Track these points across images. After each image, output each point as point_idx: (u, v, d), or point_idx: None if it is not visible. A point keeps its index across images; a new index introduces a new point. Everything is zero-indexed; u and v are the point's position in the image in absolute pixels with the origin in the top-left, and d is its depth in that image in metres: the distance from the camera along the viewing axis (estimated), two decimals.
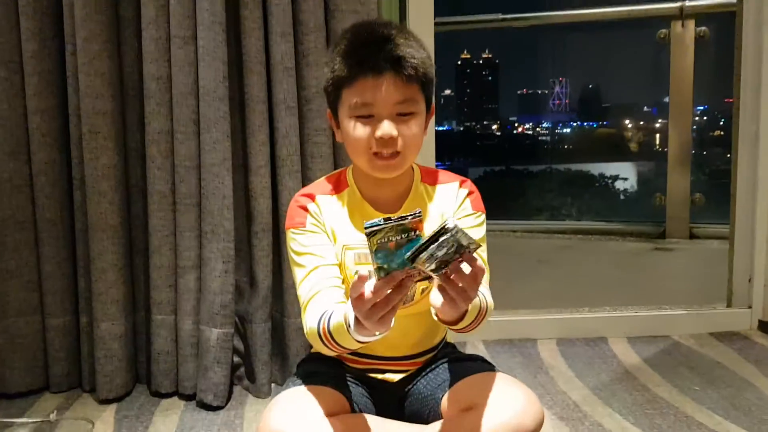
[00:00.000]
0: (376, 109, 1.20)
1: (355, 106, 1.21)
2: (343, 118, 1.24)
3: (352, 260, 1.28)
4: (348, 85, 1.21)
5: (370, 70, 1.18)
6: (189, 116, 1.79)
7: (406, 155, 1.23)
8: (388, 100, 1.19)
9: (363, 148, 1.22)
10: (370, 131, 1.21)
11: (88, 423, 1.73)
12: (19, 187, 1.86)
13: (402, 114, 1.21)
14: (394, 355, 1.34)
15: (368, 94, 1.19)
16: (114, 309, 1.85)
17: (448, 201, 1.33)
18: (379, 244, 0.96)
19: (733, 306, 2.40)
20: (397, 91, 1.19)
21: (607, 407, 1.76)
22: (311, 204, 1.31)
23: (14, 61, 1.82)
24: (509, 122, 16.22)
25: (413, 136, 1.23)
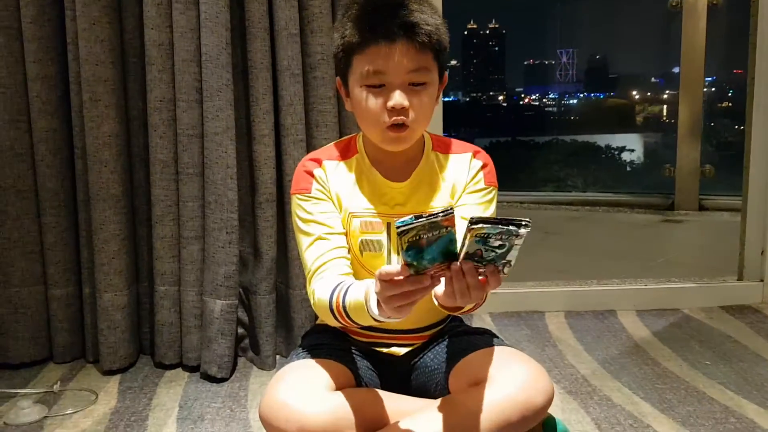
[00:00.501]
0: (388, 78, 1.16)
1: (367, 74, 1.16)
2: (354, 86, 1.20)
3: (357, 228, 1.26)
4: (359, 51, 1.16)
5: (382, 37, 1.14)
6: (191, 84, 1.76)
7: (415, 128, 1.20)
8: (401, 68, 1.15)
9: (374, 119, 1.19)
10: (381, 102, 1.17)
11: (92, 394, 1.73)
12: (20, 156, 1.83)
13: (414, 84, 1.17)
14: (401, 328, 1.32)
15: (380, 62, 1.15)
16: (117, 280, 1.83)
17: (460, 172, 1.29)
18: (409, 242, 0.94)
19: (745, 279, 2.37)
20: (410, 59, 1.15)
21: (617, 381, 1.74)
22: (318, 169, 1.27)
23: (13, 27, 1.78)
24: (515, 93, 16.11)
25: (424, 107, 1.19)
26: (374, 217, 1.26)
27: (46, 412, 1.61)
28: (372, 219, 1.26)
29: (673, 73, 4.20)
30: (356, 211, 1.26)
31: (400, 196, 1.26)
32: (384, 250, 1.26)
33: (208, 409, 1.64)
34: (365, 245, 1.26)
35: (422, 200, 1.27)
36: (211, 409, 1.64)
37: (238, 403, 1.67)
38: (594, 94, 15.02)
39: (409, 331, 1.33)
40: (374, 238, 1.26)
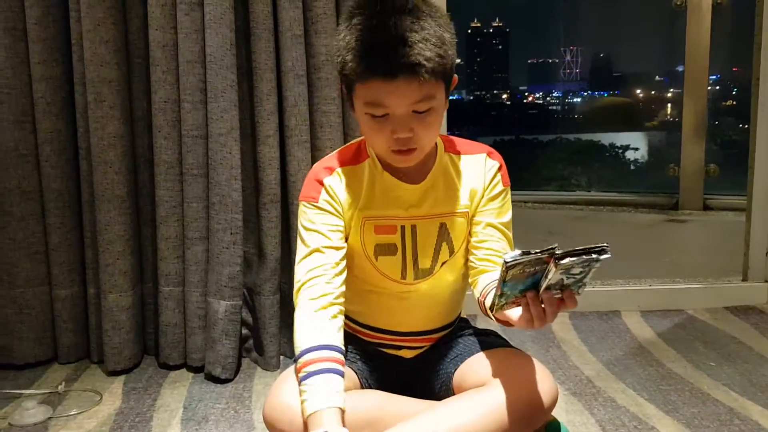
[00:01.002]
0: (391, 110, 1.12)
1: (369, 104, 1.13)
2: (358, 109, 1.17)
3: (372, 232, 1.25)
4: (360, 82, 1.13)
5: (382, 75, 1.09)
6: (196, 84, 1.76)
7: (423, 147, 1.18)
8: (403, 102, 1.11)
9: (379, 145, 1.18)
10: (386, 131, 1.14)
11: (96, 394, 1.73)
12: (25, 157, 1.83)
13: (418, 111, 1.14)
14: (412, 330, 1.32)
15: (381, 97, 1.11)
16: (121, 280, 1.83)
17: (477, 174, 1.28)
18: (513, 275, 0.98)
19: (749, 280, 2.37)
20: (412, 93, 1.11)
21: (621, 383, 1.74)
22: (329, 178, 1.25)
23: (18, 28, 1.78)
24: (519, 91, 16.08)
25: (430, 130, 1.16)
26: (388, 221, 1.25)
27: (51, 413, 1.62)
28: (386, 223, 1.25)
29: (677, 72, 4.19)
30: (370, 216, 1.25)
31: (414, 198, 1.25)
32: (398, 252, 1.25)
33: (212, 410, 1.64)
34: (379, 250, 1.25)
35: (437, 203, 1.26)
36: (216, 410, 1.64)
37: (242, 404, 1.67)
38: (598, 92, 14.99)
39: (420, 333, 1.33)
40: (389, 241, 1.25)
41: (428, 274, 1.27)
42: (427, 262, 1.26)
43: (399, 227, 1.24)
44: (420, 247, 1.25)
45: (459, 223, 1.26)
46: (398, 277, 1.26)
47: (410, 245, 1.25)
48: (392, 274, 1.26)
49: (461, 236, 1.27)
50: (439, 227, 1.25)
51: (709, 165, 4.04)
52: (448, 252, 1.26)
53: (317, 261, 1.21)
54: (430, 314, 1.32)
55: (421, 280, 1.27)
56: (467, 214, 1.27)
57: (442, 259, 1.26)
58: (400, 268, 1.25)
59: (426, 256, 1.25)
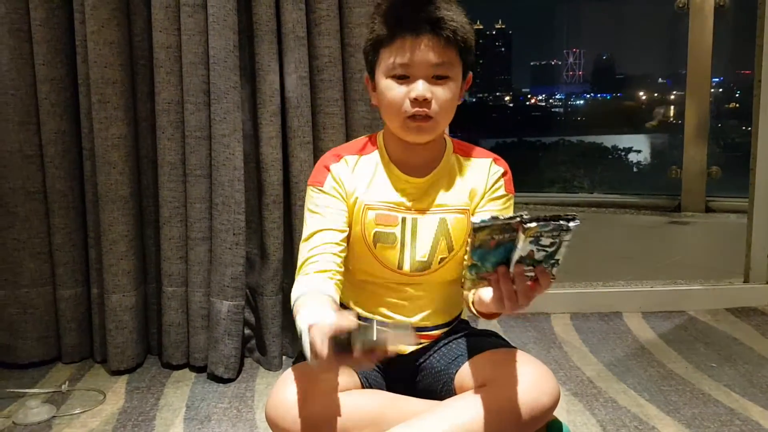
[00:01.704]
0: (412, 70, 1.19)
1: (392, 66, 1.20)
2: (380, 78, 1.23)
3: (373, 220, 1.27)
4: (386, 44, 1.20)
5: (408, 30, 1.17)
6: (199, 86, 1.77)
7: (438, 120, 1.22)
8: (425, 61, 1.18)
9: (397, 109, 1.21)
10: (405, 92, 1.20)
11: (100, 394, 1.74)
12: (29, 158, 1.84)
13: (438, 77, 1.20)
14: (411, 325, 1.33)
15: (406, 54, 1.18)
16: (125, 280, 1.84)
17: (480, 176, 1.30)
18: (482, 241, 0.96)
19: (751, 281, 2.37)
20: (434, 52, 1.18)
21: (622, 383, 1.74)
22: (336, 164, 1.29)
23: (23, 30, 1.79)
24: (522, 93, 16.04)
25: (447, 100, 1.21)
26: (390, 211, 1.27)
27: (55, 412, 1.62)
28: (387, 212, 1.27)
29: (680, 74, 4.18)
30: (372, 204, 1.27)
31: (417, 192, 1.28)
32: (397, 243, 1.27)
33: (214, 410, 1.65)
34: (378, 237, 1.28)
35: (439, 197, 1.28)
36: (218, 410, 1.65)
37: (244, 404, 1.68)
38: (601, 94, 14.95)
39: (418, 329, 1.33)
40: (388, 231, 1.27)
41: (426, 269, 1.28)
42: (424, 255, 1.27)
43: (400, 218, 1.27)
44: (419, 239, 1.27)
45: (459, 221, 1.28)
46: (395, 266, 1.28)
47: (409, 237, 1.27)
48: (389, 263, 1.28)
49: (461, 235, 1.28)
50: (438, 222, 1.27)
51: (711, 167, 4.05)
52: (447, 249, 1.27)
53: (319, 241, 1.24)
54: (427, 311, 1.33)
55: (419, 274, 1.28)
56: (467, 212, 1.28)
57: (440, 254, 1.27)
58: (398, 258, 1.27)
59: (424, 249, 1.27)
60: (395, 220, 1.27)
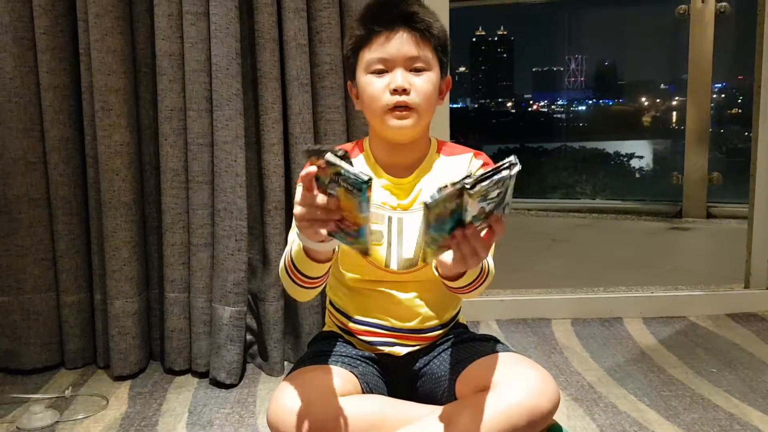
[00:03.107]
0: (390, 63, 1.24)
1: (371, 62, 1.25)
2: (360, 78, 1.28)
3: None
4: (364, 44, 1.26)
5: (383, 26, 1.24)
6: (202, 93, 1.78)
7: (419, 111, 1.25)
8: (401, 53, 1.23)
9: (378, 102, 1.25)
10: (384, 84, 1.24)
11: (103, 399, 1.75)
12: (33, 165, 1.86)
13: (416, 70, 1.25)
14: (403, 326, 1.34)
15: (383, 49, 1.24)
16: (128, 286, 1.85)
17: (461, 171, 1.32)
18: (437, 215, 0.96)
19: (751, 287, 2.37)
20: (410, 45, 1.24)
21: (622, 389, 1.75)
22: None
23: (27, 38, 1.81)
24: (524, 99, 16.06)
25: (426, 90, 1.25)
26: (375, 209, 1.30)
27: (58, 417, 1.63)
28: (373, 210, 1.29)
29: (683, 80, 4.19)
30: None
31: (402, 192, 1.31)
32: (384, 241, 1.29)
33: (217, 415, 1.66)
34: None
35: (422, 196, 1.30)
36: (220, 415, 1.66)
37: (246, 409, 1.69)
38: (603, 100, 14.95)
39: (411, 330, 1.34)
40: (375, 228, 1.30)
41: (413, 266, 1.29)
42: (410, 252, 1.29)
43: (386, 217, 1.30)
44: (404, 238, 1.29)
45: None
46: (382, 264, 1.30)
47: (396, 235, 1.30)
48: (377, 262, 1.30)
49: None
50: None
51: (712, 173, 4.05)
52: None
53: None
54: (419, 311, 1.34)
55: (407, 272, 1.30)
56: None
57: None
58: (385, 256, 1.29)
59: (409, 247, 1.30)
60: (381, 218, 1.30)
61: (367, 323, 1.34)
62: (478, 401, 1.20)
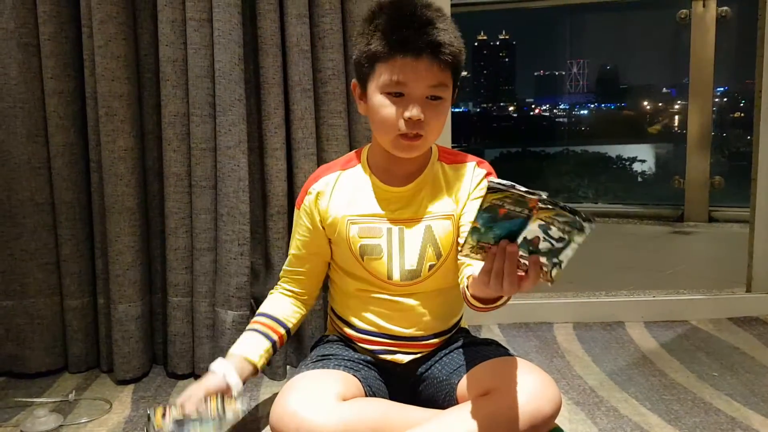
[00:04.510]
0: (408, 89, 1.21)
1: (389, 83, 1.21)
2: (373, 91, 1.25)
3: (356, 233, 1.30)
4: (384, 60, 1.21)
5: (409, 51, 1.19)
6: (205, 99, 1.79)
7: (428, 138, 1.25)
8: (422, 82, 1.20)
9: (390, 126, 1.23)
10: (399, 111, 1.22)
11: (106, 403, 1.75)
12: (37, 170, 1.87)
13: (432, 98, 1.22)
14: (406, 335, 1.34)
15: (404, 74, 1.20)
16: (131, 291, 1.86)
17: (464, 180, 1.32)
18: (491, 203, 0.90)
19: (753, 291, 2.38)
20: (432, 75, 1.20)
21: (624, 392, 1.75)
22: (315, 184, 1.37)
23: (32, 44, 1.82)
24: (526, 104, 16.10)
25: (438, 120, 1.24)
26: (373, 223, 1.29)
27: (62, 421, 1.64)
28: (370, 225, 1.30)
29: (685, 84, 4.20)
30: (354, 218, 1.30)
31: (401, 201, 1.30)
32: (383, 254, 1.29)
33: None
34: (365, 250, 1.30)
35: (423, 206, 1.30)
36: None
37: (249, 413, 1.69)
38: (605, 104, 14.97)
39: (414, 338, 1.35)
40: (373, 242, 1.30)
41: (416, 277, 1.30)
42: (413, 263, 1.29)
43: (384, 229, 1.29)
44: (406, 248, 1.29)
45: (445, 227, 1.30)
46: (384, 276, 1.30)
47: (396, 247, 1.29)
48: (379, 274, 1.30)
49: (448, 241, 1.30)
50: (424, 230, 1.29)
51: (714, 177, 4.06)
52: (435, 256, 1.29)
53: (290, 264, 1.44)
54: (422, 320, 1.34)
55: (410, 283, 1.30)
56: (453, 217, 1.29)
57: (428, 261, 1.29)
58: (386, 269, 1.29)
59: (412, 258, 1.29)
60: (379, 231, 1.30)
61: (368, 332, 1.35)
62: (480, 405, 1.20)
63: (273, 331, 1.39)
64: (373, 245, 1.30)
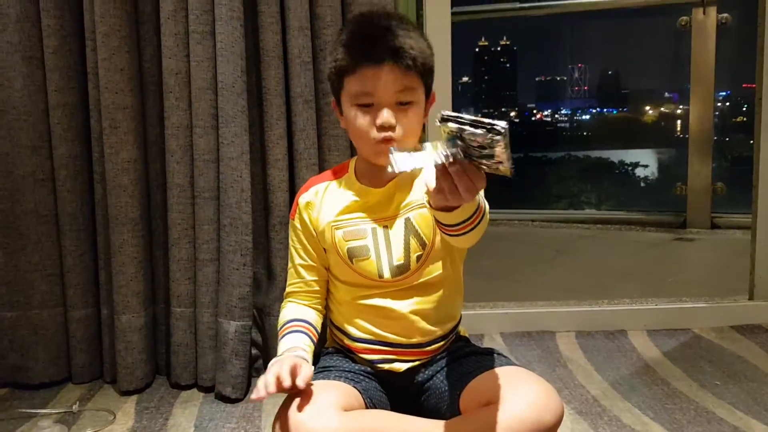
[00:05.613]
0: (377, 98, 1.24)
1: (357, 94, 1.25)
2: (346, 105, 1.29)
3: (342, 237, 1.32)
4: (349, 73, 1.25)
5: (370, 60, 1.22)
6: (208, 110, 1.80)
7: (404, 142, 1.27)
8: (388, 89, 1.23)
9: (365, 135, 1.27)
10: (370, 119, 1.25)
11: (110, 414, 1.76)
12: (42, 181, 1.88)
13: (401, 103, 1.25)
14: (403, 342, 1.35)
15: (368, 83, 1.23)
16: (134, 301, 1.87)
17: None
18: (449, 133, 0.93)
19: (756, 299, 2.38)
20: (396, 80, 1.23)
21: (627, 402, 1.75)
22: (304, 195, 1.39)
23: (36, 57, 1.83)
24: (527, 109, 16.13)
25: (411, 124, 1.27)
26: (357, 225, 1.32)
27: None
28: (354, 227, 1.32)
29: (686, 89, 4.20)
30: (338, 223, 1.33)
31: (382, 200, 1.34)
32: (371, 253, 1.31)
33: (222, 429, 1.67)
34: (353, 252, 1.32)
35: (401, 200, 1.32)
36: (226, 430, 1.67)
37: (252, 424, 1.70)
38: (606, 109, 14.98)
39: (410, 346, 1.35)
40: (360, 243, 1.32)
41: (405, 271, 1.31)
42: (400, 257, 1.31)
43: (369, 230, 1.32)
44: (392, 245, 1.31)
45: (422, 214, 1.31)
46: (375, 276, 1.31)
47: (383, 244, 1.31)
48: (369, 274, 1.32)
49: (428, 228, 1.31)
50: (405, 223, 1.31)
51: (716, 183, 4.05)
52: (420, 246, 1.30)
53: (294, 276, 1.41)
54: (417, 325, 1.34)
55: (401, 279, 1.31)
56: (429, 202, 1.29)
57: (414, 252, 1.30)
58: (375, 268, 1.31)
59: (398, 253, 1.31)
60: (364, 232, 1.32)
61: (365, 340, 1.35)
62: (482, 416, 1.20)
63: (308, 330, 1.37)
64: (360, 246, 1.32)
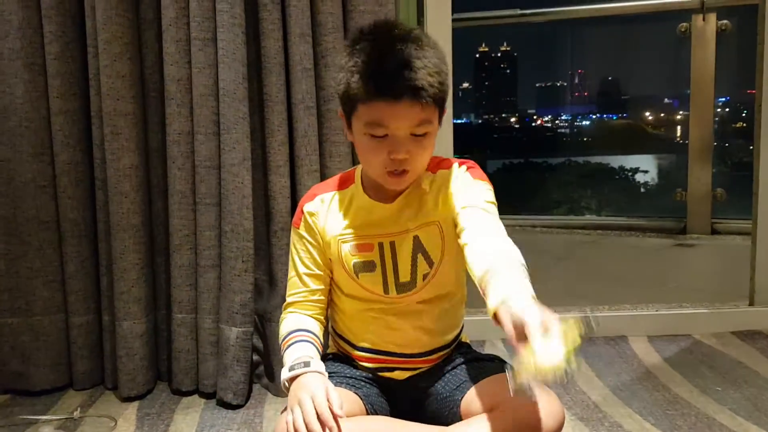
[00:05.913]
0: (391, 131, 1.18)
1: (370, 124, 1.19)
2: (357, 130, 1.23)
3: (348, 251, 1.31)
4: (364, 102, 1.18)
5: (387, 95, 1.16)
6: (209, 117, 1.81)
7: (415, 170, 1.24)
8: (404, 123, 1.18)
9: (376, 165, 1.23)
10: (384, 151, 1.20)
11: (111, 420, 1.76)
12: (43, 188, 1.88)
13: (416, 135, 1.20)
14: (406, 352, 1.35)
15: (384, 117, 1.17)
16: (135, 308, 1.87)
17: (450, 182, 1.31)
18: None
19: (756, 304, 2.38)
20: (414, 116, 1.17)
21: (628, 408, 1.75)
22: (309, 204, 1.35)
23: (37, 64, 1.84)
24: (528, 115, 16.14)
25: (425, 154, 1.23)
26: (365, 240, 1.30)
27: None
28: (361, 242, 1.31)
29: (686, 95, 4.20)
30: (345, 237, 1.31)
31: (390, 216, 1.31)
32: (378, 269, 1.30)
33: None
34: (359, 267, 1.31)
35: (411, 217, 1.30)
36: None
37: (253, 430, 1.70)
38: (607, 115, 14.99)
39: (413, 355, 1.35)
40: (366, 259, 1.30)
41: (411, 288, 1.30)
42: (406, 275, 1.30)
43: (376, 245, 1.30)
44: (398, 261, 1.30)
45: (431, 232, 1.30)
46: (381, 292, 1.30)
47: (388, 261, 1.30)
48: (375, 290, 1.31)
49: (437, 247, 1.29)
50: (413, 240, 1.30)
51: (716, 189, 4.05)
52: (426, 264, 1.29)
53: (297, 286, 1.37)
54: (420, 337, 1.34)
55: (406, 296, 1.31)
56: (438, 223, 1.29)
57: (421, 271, 1.29)
58: (381, 283, 1.30)
59: (404, 270, 1.30)
60: (371, 247, 1.30)
61: (368, 350, 1.35)
62: (483, 421, 1.21)
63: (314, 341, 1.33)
64: (367, 261, 1.31)
